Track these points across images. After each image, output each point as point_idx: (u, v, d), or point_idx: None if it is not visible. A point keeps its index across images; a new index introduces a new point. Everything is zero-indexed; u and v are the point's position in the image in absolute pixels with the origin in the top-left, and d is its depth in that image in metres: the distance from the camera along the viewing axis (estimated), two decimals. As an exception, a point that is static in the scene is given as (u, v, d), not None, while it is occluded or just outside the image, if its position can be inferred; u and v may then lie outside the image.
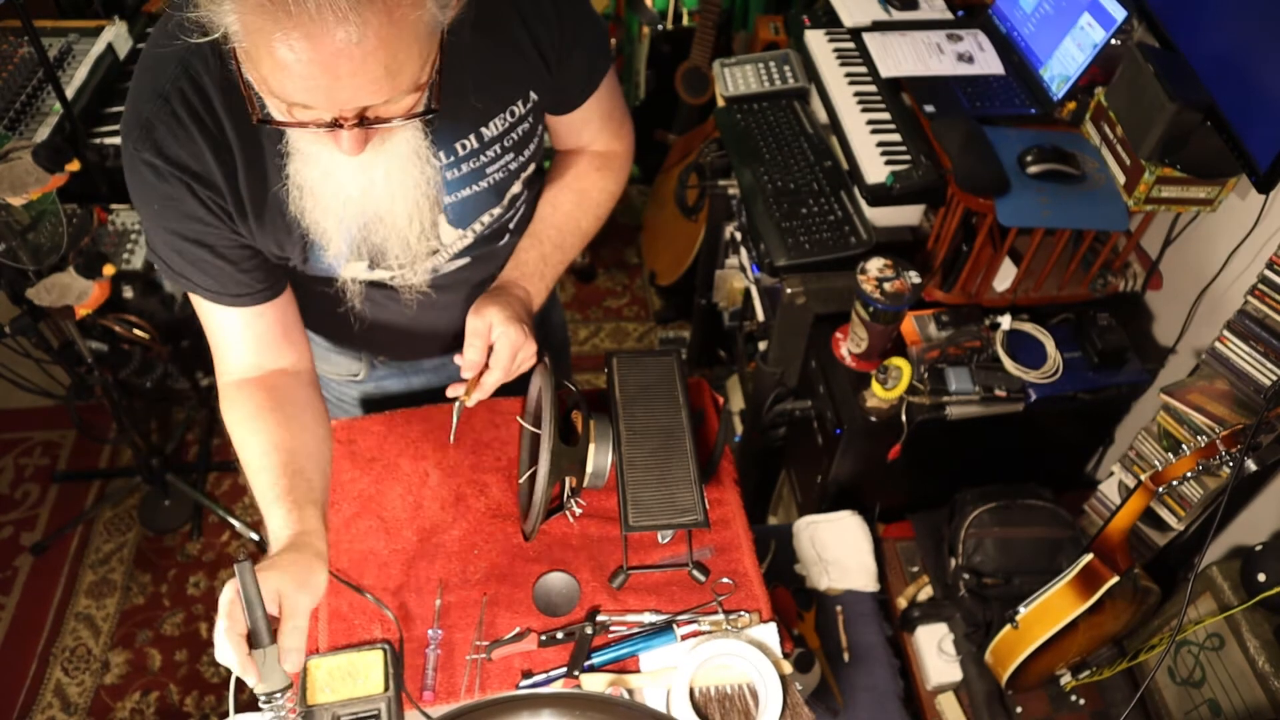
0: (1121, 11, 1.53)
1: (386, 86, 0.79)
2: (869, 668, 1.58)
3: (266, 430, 1.05)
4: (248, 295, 1.05)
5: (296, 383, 1.11)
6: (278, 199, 0.99)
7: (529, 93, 1.08)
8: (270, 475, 1.02)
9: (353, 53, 0.74)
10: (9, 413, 2.70)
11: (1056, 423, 1.73)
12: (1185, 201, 1.51)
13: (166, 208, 0.97)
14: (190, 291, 1.05)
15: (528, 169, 1.15)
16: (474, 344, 1.09)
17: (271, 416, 1.06)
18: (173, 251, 1.01)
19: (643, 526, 1.08)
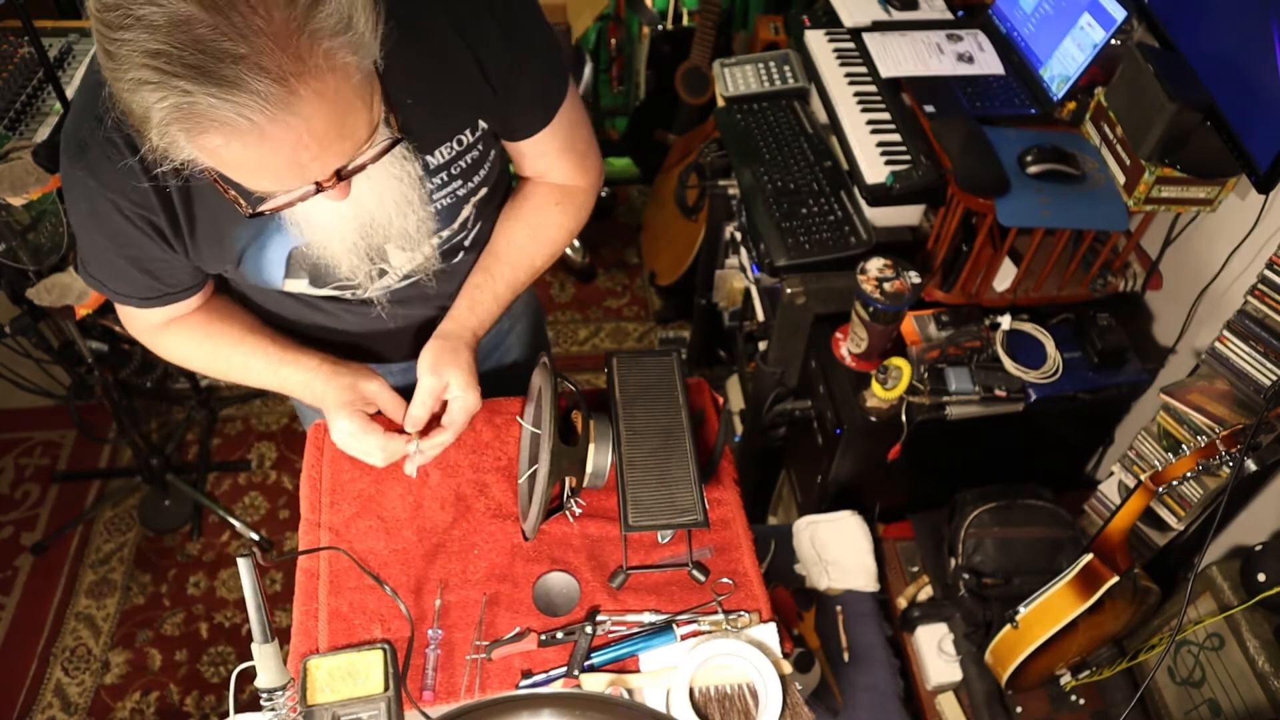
0: (1121, 11, 1.53)
1: (349, 148, 0.81)
2: (869, 668, 1.58)
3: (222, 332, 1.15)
4: (159, 298, 1.09)
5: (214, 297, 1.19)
6: (212, 217, 1.00)
7: (477, 121, 1.07)
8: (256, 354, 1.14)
9: (309, 145, 0.76)
10: (9, 413, 2.70)
11: (1056, 423, 1.73)
12: (1185, 201, 1.51)
13: (94, 223, 0.98)
14: (106, 295, 1.08)
15: (479, 193, 1.14)
16: (424, 402, 1.12)
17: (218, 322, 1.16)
18: (95, 260, 1.04)
19: (642, 526, 1.08)
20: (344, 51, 0.73)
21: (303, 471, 1.23)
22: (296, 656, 1.06)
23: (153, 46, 0.68)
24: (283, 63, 0.70)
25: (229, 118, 0.70)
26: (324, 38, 0.71)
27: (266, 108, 0.70)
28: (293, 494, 2.57)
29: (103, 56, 0.72)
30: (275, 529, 2.51)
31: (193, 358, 1.17)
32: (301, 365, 1.15)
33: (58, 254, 1.88)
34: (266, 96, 0.70)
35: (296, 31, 0.70)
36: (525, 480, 1.17)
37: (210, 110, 0.70)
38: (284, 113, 0.71)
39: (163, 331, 1.16)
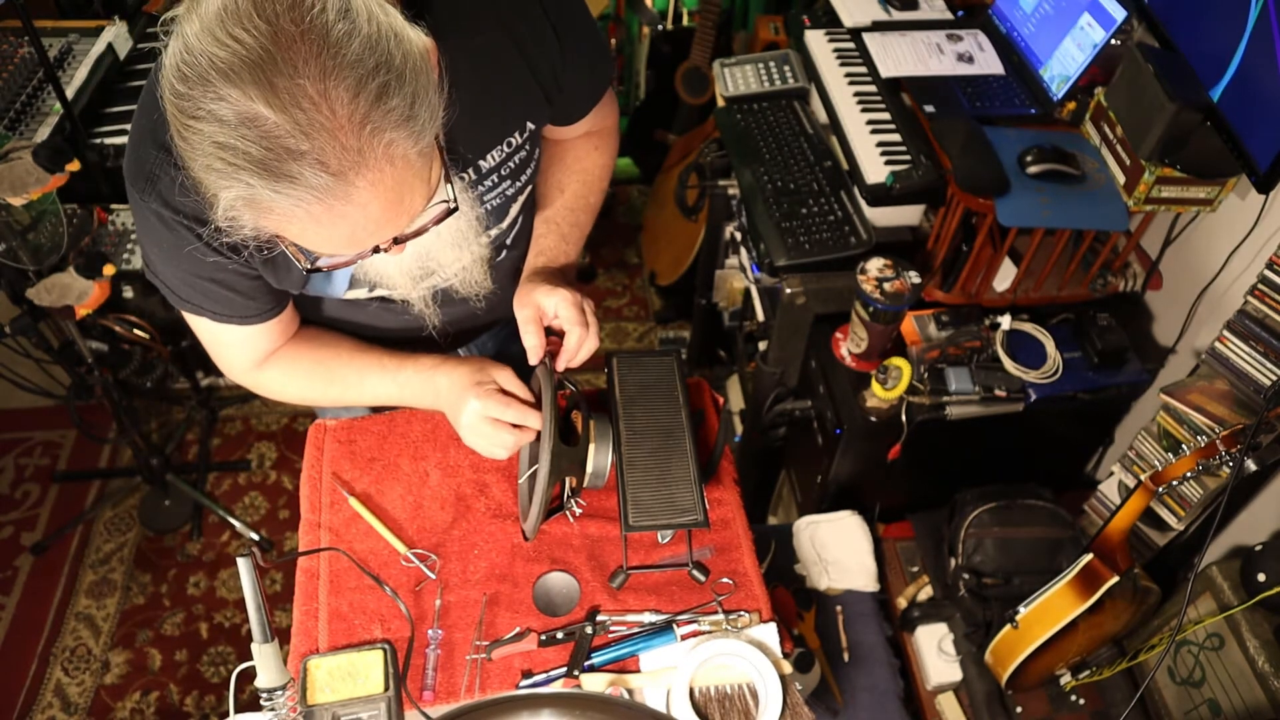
0: (1121, 11, 1.53)
1: (405, 221, 0.83)
2: (869, 668, 1.58)
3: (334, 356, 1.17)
4: (255, 316, 1.08)
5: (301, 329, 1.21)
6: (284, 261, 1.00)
7: (526, 123, 1.08)
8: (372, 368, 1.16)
9: (363, 223, 0.78)
10: (9, 413, 2.70)
11: (1056, 423, 1.73)
12: (1185, 201, 1.51)
13: (175, 251, 0.98)
14: (198, 315, 1.07)
15: (524, 192, 1.17)
16: (529, 330, 1.11)
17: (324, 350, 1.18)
18: (181, 284, 1.03)
19: (643, 526, 1.08)
20: (405, 142, 0.75)
21: (303, 471, 1.23)
22: (296, 656, 1.06)
23: (221, 139, 0.70)
24: (343, 157, 0.71)
25: (288, 208, 0.73)
26: (386, 130, 0.73)
27: (324, 199, 0.73)
28: (293, 494, 2.57)
29: (175, 135, 0.74)
30: (275, 529, 2.51)
31: (304, 389, 1.17)
32: (421, 365, 1.15)
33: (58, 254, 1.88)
34: (325, 189, 0.72)
35: (359, 126, 0.71)
36: (525, 480, 1.17)
37: (271, 200, 0.72)
38: (341, 203, 0.74)
39: (266, 368, 1.16)
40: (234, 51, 0.68)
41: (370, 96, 0.71)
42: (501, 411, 1.08)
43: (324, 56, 0.69)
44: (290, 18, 0.69)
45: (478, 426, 1.10)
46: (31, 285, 1.85)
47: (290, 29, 0.68)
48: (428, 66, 0.78)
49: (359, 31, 0.71)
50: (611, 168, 1.31)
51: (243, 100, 0.68)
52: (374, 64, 0.71)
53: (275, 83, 0.68)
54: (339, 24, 0.70)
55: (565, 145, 1.27)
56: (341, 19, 0.70)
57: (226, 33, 0.68)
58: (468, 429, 1.11)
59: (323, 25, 0.69)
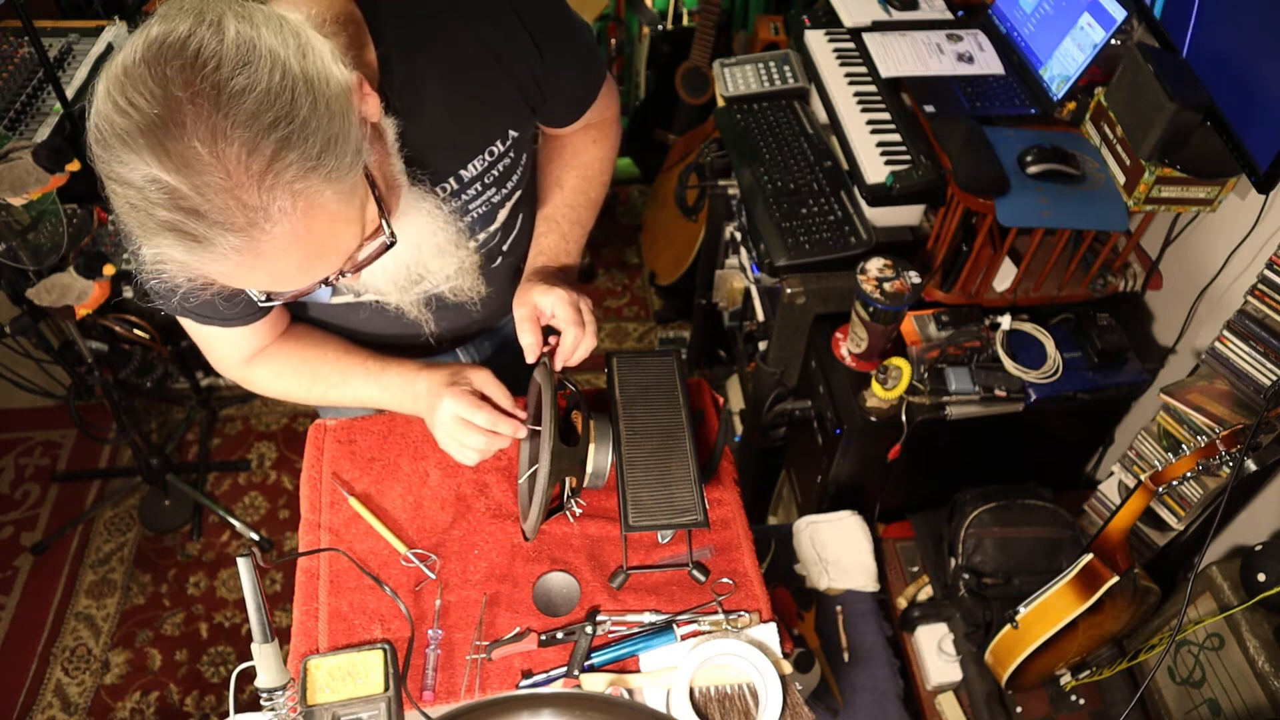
0: (1121, 11, 1.53)
1: (336, 262, 0.83)
2: (869, 668, 1.58)
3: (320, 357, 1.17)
4: (239, 319, 1.08)
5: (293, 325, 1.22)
6: None
7: (508, 132, 1.08)
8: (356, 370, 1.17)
9: (288, 272, 0.79)
10: (9, 413, 2.70)
11: (1056, 423, 1.73)
12: (1185, 201, 1.51)
13: None
14: (183, 315, 1.07)
15: (513, 197, 1.17)
16: (525, 329, 1.11)
17: (311, 349, 1.18)
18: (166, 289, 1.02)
19: (642, 526, 1.08)
20: (316, 185, 0.74)
21: (303, 471, 1.23)
22: (296, 656, 1.06)
23: (131, 201, 0.72)
24: (246, 214, 0.72)
25: (204, 265, 0.75)
26: (290, 182, 0.73)
27: (234, 256, 0.73)
28: (293, 494, 2.57)
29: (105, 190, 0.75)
30: (275, 529, 2.51)
31: (290, 387, 1.18)
32: (404, 368, 1.16)
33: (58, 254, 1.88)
34: (234, 248, 0.73)
35: (256, 183, 0.71)
36: (525, 480, 1.17)
37: (185, 258, 0.74)
38: (251, 258, 0.74)
39: (254, 365, 1.17)
40: (130, 118, 0.69)
41: (267, 152, 0.71)
42: (472, 413, 1.08)
43: (214, 117, 0.69)
44: (181, 80, 0.69)
45: (449, 427, 1.10)
46: (31, 285, 1.84)
47: (179, 94, 0.69)
48: (347, 107, 0.77)
49: (257, 85, 0.71)
50: (613, 160, 1.30)
51: (141, 165, 0.69)
52: (272, 118, 0.71)
53: (168, 147, 0.69)
54: (235, 79, 0.70)
55: (563, 140, 1.27)
56: (238, 73, 0.70)
57: (125, 98, 0.69)
58: (440, 429, 1.11)
59: (214, 85, 0.69)
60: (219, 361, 1.17)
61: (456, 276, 1.13)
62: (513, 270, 1.28)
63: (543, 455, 1.04)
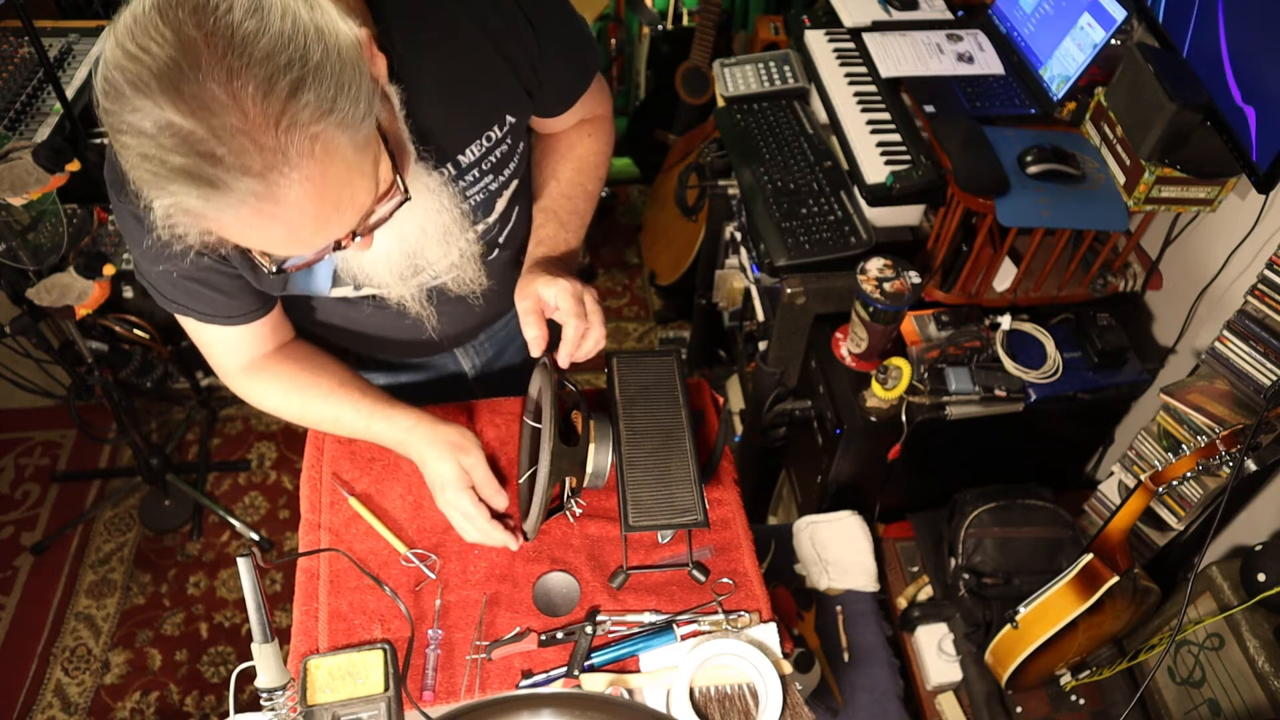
0: (1121, 11, 1.53)
1: (352, 217, 0.82)
2: (869, 668, 1.58)
3: (313, 384, 1.16)
4: (245, 315, 1.09)
5: (295, 342, 1.21)
6: None
7: (505, 117, 1.08)
8: (346, 407, 1.15)
9: (304, 224, 0.78)
10: (9, 413, 2.70)
11: (1056, 423, 1.73)
12: (1185, 201, 1.51)
13: (157, 249, 0.96)
14: (184, 315, 1.07)
15: (510, 185, 1.16)
16: (529, 321, 1.09)
17: (308, 374, 1.16)
18: (165, 284, 1.03)
19: (642, 526, 1.08)
20: (331, 131, 0.74)
21: (303, 471, 1.23)
22: (296, 656, 1.06)
23: (144, 150, 0.70)
24: (263, 158, 0.71)
25: (217, 214, 0.73)
26: (306, 125, 0.72)
27: (252, 202, 0.72)
28: (293, 494, 2.57)
29: (113, 149, 0.74)
30: (275, 529, 2.51)
31: (282, 408, 1.18)
32: (395, 422, 1.15)
33: (58, 254, 1.88)
34: (251, 192, 0.72)
35: (273, 125, 0.70)
36: (525, 480, 1.17)
37: (202, 208, 0.72)
38: (270, 204, 0.73)
39: (252, 377, 1.16)
40: (143, 63, 0.68)
41: (283, 93, 0.70)
42: (473, 517, 1.11)
43: (229, 58, 0.68)
44: (194, 22, 0.68)
45: (449, 511, 1.13)
46: (31, 285, 1.85)
47: (193, 34, 0.68)
48: (358, 58, 0.77)
49: (269, 29, 0.70)
50: (608, 155, 1.30)
51: (155, 110, 0.68)
52: (285, 60, 0.70)
53: (183, 89, 0.68)
54: (246, 22, 0.69)
55: (558, 135, 1.27)
56: (250, 17, 0.70)
57: (136, 44, 0.68)
58: (440, 503, 1.14)
59: (228, 26, 0.69)
60: (219, 367, 1.17)
61: (460, 265, 1.13)
62: (510, 264, 1.28)
63: (543, 455, 1.04)
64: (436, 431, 1.13)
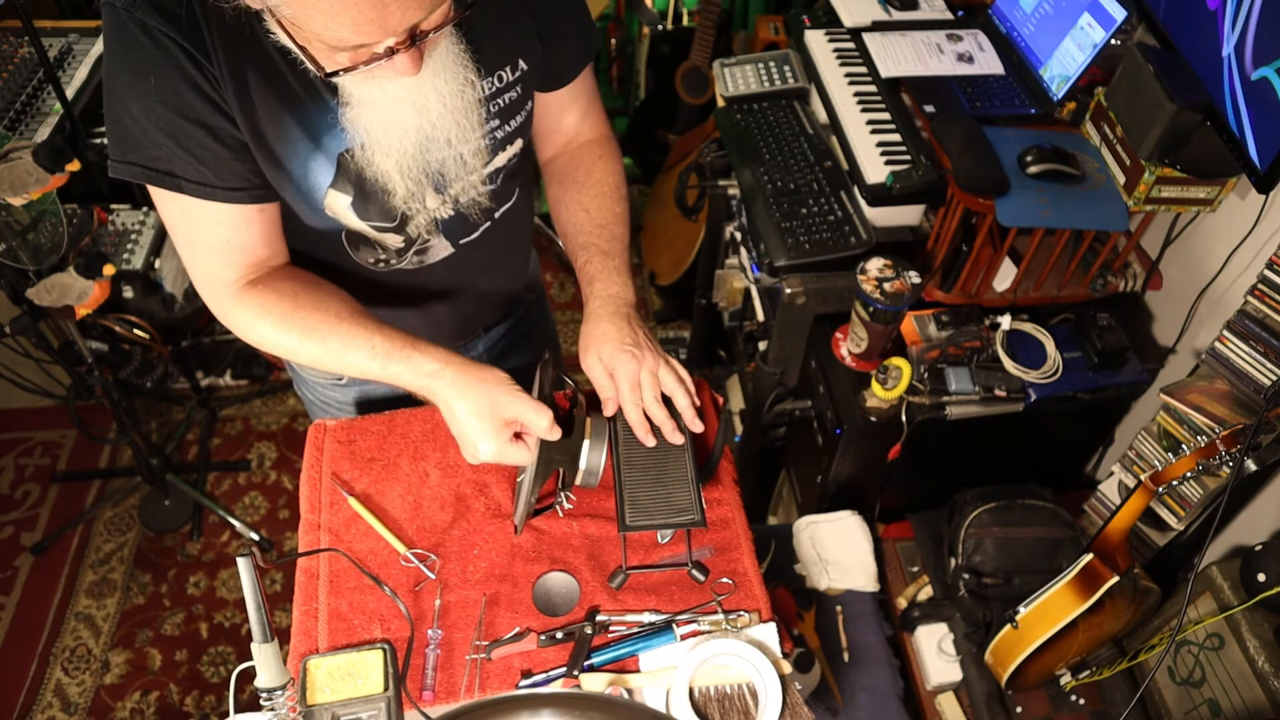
0: (1121, 11, 1.53)
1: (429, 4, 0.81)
2: (869, 668, 1.58)
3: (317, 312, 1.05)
4: (243, 190, 0.99)
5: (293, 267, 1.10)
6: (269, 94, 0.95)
7: (518, 60, 1.08)
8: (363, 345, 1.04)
9: None
10: (9, 413, 2.70)
11: (1056, 423, 1.73)
12: (1185, 201, 1.51)
13: (163, 80, 0.89)
14: (180, 190, 0.96)
15: (514, 143, 1.14)
16: (601, 384, 1.10)
17: (309, 300, 1.05)
18: (165, 137, 0.93)
19: (639, 526, 1.08)
20: None
21: (303, 471, 1.23)
22: (296, 656, 1.06)
23: None
24: None
25: None
26: None
27: None
28: (293, 494, 2.57)
29: None
30: (275, 529, 2.51)
31: (275, 340, 1.05)
32: (416, 364, 1.03)
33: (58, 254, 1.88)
34: None
35: None
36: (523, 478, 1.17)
37: None
38: None
39: (243, 300, 1.05)
40: None
41: None
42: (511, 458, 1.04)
43: None
44: None
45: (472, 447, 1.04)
46: (31, 285, 1.85)
47: None
48: None
49: None
50: (623, 175, 1.28)
51: None
52: None
53: None
54: None
55: (565, 163, 1.26)
56: None
57: None
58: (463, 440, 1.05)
59: None
60: (205, 281, 1.05)
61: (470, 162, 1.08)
62: (506, 241, 1.26)
63: (532, 444, 1.04)
64: (467, 374, 1.02)
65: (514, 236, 1.29)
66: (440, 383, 1.03)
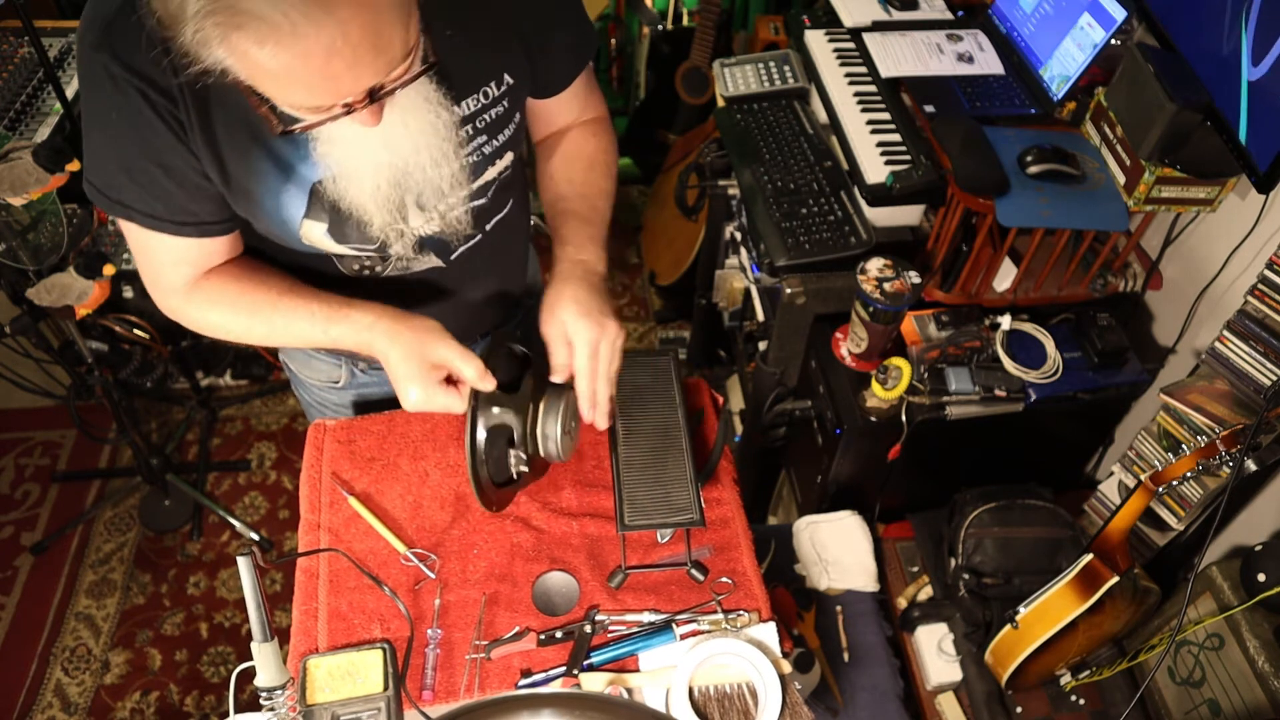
0: (1121, 11, 1.53)
1: (383, 65, 0.80)
2: (869, 668, 1.58)
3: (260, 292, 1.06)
4: (192, 225, 1.00)
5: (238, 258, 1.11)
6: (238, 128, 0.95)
7: (503, 75, 1.07)
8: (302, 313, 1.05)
9: (342, 51, 0.75)
10: (9, 413, 2.70)
11: (1056, 423, 1.72)
12: (1185, 201, 1.51)
13: (122, 120, 0.92)
14: (129, 219, 0.99)
15: (503, 156, 1.13)
16: (557, 350, 1.07)
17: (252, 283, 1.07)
18: (119, 170, 0.96)
19: (638, 526, 1.08)
20: None
21: (302, 471, 1.23)
22: (296, 656, 1.06)
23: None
24: None
25: (265, 11, 0.70)
26: None
27: (302, 5, 0.71)
28: (293, 494, 2.57)
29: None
30: (275, 529, 2.51)
31: (226, 325, 1.08)
32: (353, 321, 1.05)
33: (58, 254, 1.88)
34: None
35: None
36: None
37: (248, 3, 0.70)
38: (320, 12, 0.72)
39: (192, 295, 1.07)
40: None
41: None
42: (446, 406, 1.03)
43: None
44: None
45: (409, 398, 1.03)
46: (31, 285, 1.85)
47: None
48: None
49: None
50: (615, 153, 1.27)
51: None
52: None
53: None
54: None
55: (557, 140, 1.26)
56: None
57: None
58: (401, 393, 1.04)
59: None
60: (155, 286, 1.08)
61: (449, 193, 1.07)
62: (496, 253, 1.25)
63: (465, 391, 1.00)
64: (399, 323, 1.03)
65: (509, 244, 1.28)
66: (375, 334, 1.04)
